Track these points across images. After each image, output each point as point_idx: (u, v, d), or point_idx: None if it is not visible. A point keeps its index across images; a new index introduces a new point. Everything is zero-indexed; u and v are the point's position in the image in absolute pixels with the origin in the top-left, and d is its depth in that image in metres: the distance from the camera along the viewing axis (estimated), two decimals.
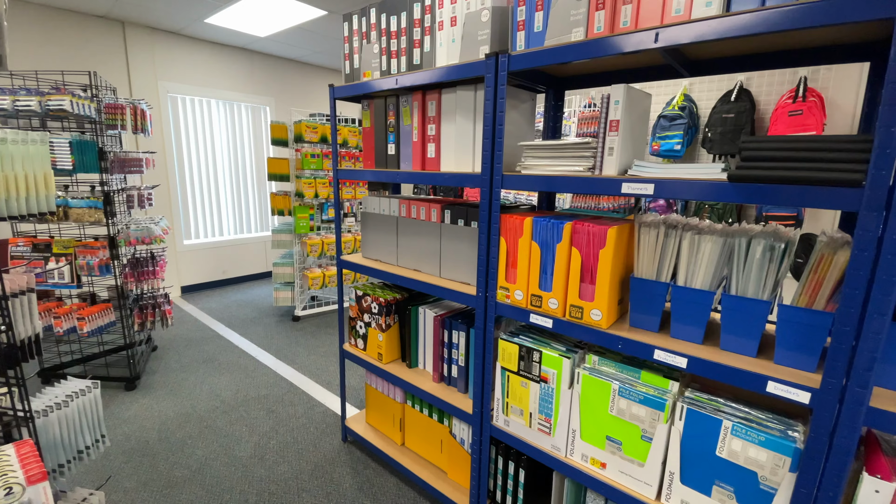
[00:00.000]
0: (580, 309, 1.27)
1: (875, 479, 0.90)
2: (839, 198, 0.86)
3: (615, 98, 1.17)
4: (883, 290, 0.83)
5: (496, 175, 1.39)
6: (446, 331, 1.75)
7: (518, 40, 1.34)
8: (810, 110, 3.33)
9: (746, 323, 1.06)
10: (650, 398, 1.18)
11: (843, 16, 0.82)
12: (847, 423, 0.90)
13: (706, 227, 1.16)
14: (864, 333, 0.86)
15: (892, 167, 0.81)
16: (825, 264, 0.96)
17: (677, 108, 3.83)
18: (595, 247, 1.21)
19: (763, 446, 1.03)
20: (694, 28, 0.99)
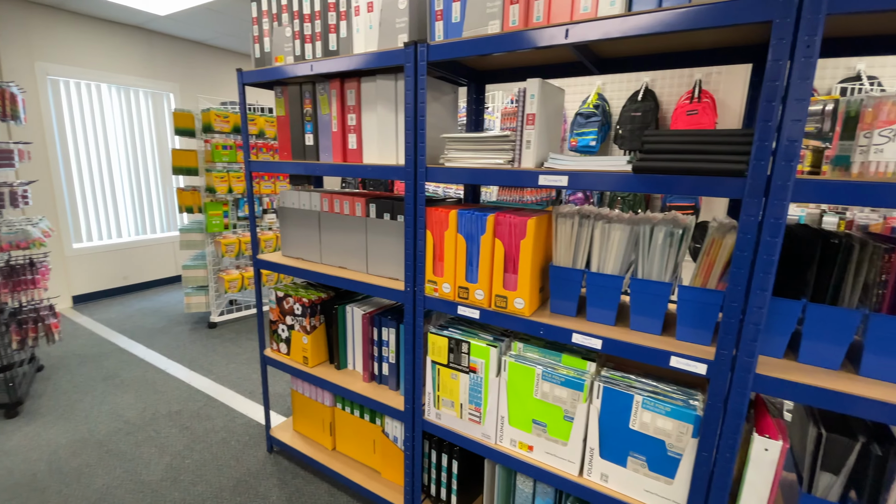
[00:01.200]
0: (505, 298, 1.29)
1: (764, 439, 1.01)
2: (726, 186, 0.95)
3: (531, 92, 1.19)
4: (764, 268, 0.93)
5: (420, 167, 1.36)
6: (376, 328, 1.71)
7: (437, 30, 1.32)
8: (704, 110, 3.71)
9: (651, 304, 1.15)
10: (571, 380, 1.24)
11: (729, 18, 0.90)
12: (738, 389, 1.00)
13: (615, 217, 1.23)
14: (749, 308, 0.96)
15: (770, 158, 0.90)
16: (716, 247, 1.06)
17: (592, 106, 4.07)
18: (516, 238, 1.24)
19: (669, 416, 1.12)
20: (600, 26, 1.03)
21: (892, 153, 0.85)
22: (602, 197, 4.22)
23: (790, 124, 0.86)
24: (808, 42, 0.83)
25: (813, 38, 0.83)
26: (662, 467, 1.15)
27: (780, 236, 0.90)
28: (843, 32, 1.11)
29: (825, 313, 0.97)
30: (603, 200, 4.24)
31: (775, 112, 0.87)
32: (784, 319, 1.01)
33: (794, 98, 0.85)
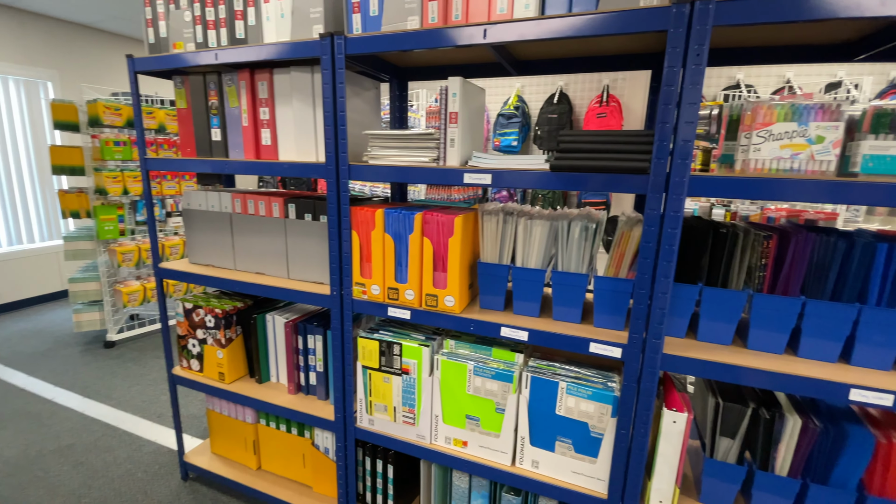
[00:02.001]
0: (435, 297, 1.28)
1: (672, 412, 1.11)
2: (632, 183, 1.02)
3: (452, 90, 1.19)
4: (666, 257, 1.02)
5: (342, 165, 1.31)
6: (300, 336, 1.61)
7: (354, 23, 1.27)
8: (612, 113, 4.02)
9: (571, 295, 1.21)
10: (501, 372, 1.27)
11: (631, 26, 0.97)
12: (649, 369, 1.09)
13: (536, 214, 1.27)
14: (656, 294, 1.05)
15: (668, 157, 0.99)
16: (625, 239, 1.14)
17: (512, 107, 4.22)
18: (444, 236, 1.23)
19: (591, 399, 1.19)
20: (516, 27, 1.06)
21: (768, 152, 0.97)
22: (525, 194, 4.41)
23: (684, 126, 0.95)
24: (697, 51, 0.92)
25: (702, 46, 0.91)
26: (587, 448, 1.22)
27: (679, 228, 0.99)
28: (727, 44, 1.24)
29: (718, 295, 1.09)
30: (526, 198, 4.43)
31: (672, 114, 0.95)
32: (684, 303, 1.12)
33: (687, 102, 0.94)
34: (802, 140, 0.93)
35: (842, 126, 0.91)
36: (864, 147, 0.90)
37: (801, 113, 0.93)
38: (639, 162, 1.00)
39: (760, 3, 0.87)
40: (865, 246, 0.97)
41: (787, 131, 0.94)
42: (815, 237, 1.01)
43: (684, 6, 0.91)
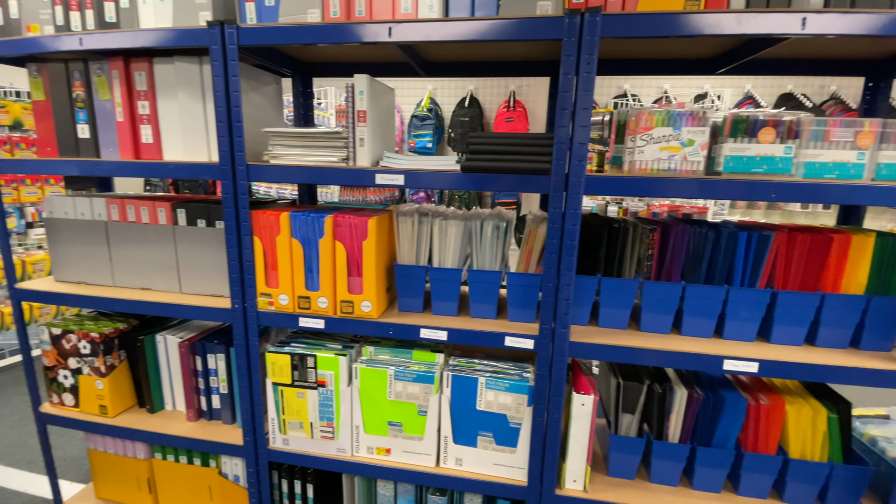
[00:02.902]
0: (351, 303, 1.23)
1: (581, 396, 1.19)
2: (536, 183, 1.07)
3: (359, 88, 1.16)
4: (569, 251, 1.09)
5: (239, 165, 1.20)
6: (198, 357, 1.46)
7: (248, 12, 1.18)
8: (519, 118, 4.23)
9: (486, 292, 1.24)
10: (421, 374, 1.26)
11: (531, 33, 1.01)
12: (559, 357, 1.15)
13: (451, 214, 1.29)
14: (561, 286, 1.11)
15: (566, 158, 1.05)
16: (532, 236, 1.20)
17: (425, 109, 4.25)
18: (358, 239, 1.19)
19: (508, 391, 1.22)
20: (421, 28, 1.05)
21: (649, 153, 1.07)
22: (442, 195, 4.46)
23: (579, 130, 1.02)
24: (588, 59, 0.99)
25: (592, 56, 0.99)
26: (507, 439, 1.25)
27: (578, 224, 1.06)
28: (616, 55, 1.36)
29: (614, 284, 1.19)
30: (443, 198, 4.49)
31: (568, 118, 1.02)
32: (586, 293, 1.20)
33: (581, 107, 1.01)
34: (677, 143, 1.05)
35: (707, 131, 1.04)
36: (726, 149, 1.03)
37: (675, 119, 1.05)
38: (541, 163, 1.05)
39: (640, 19, 0.96)
40: (730, 235, 1.13)
41: (664, 135, 1.05)
42: (690, 229, 1.15)
43: (575, 17, 0.98)
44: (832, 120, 1.01)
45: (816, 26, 0.92)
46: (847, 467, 1.16)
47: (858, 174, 1.01)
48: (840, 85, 3.97)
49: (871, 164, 1.01)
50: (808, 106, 3.82)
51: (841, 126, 1.01)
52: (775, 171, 1.02)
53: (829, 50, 1.20)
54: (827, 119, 1.01)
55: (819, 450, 1.18)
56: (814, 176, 1.02)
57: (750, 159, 1.02)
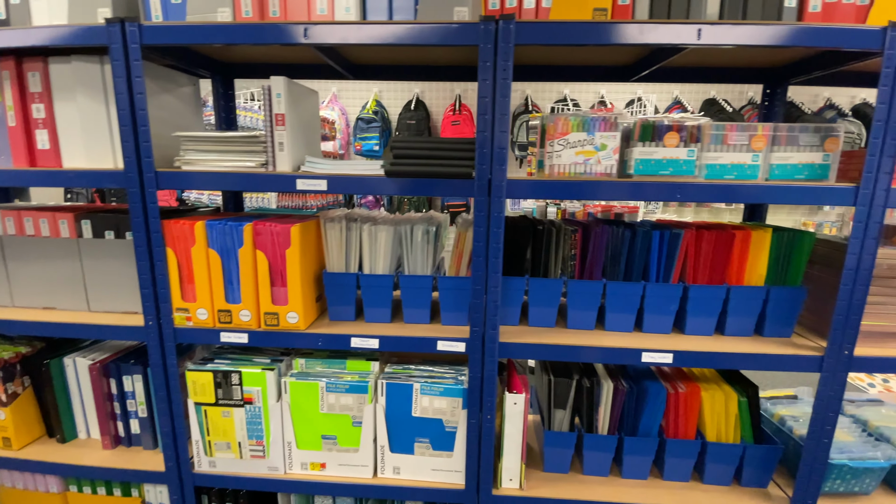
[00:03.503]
0: (276, 315, 1.18)
1: (513, 395, 1.20)
2: (460, 188, 1.08)
3: (276, 90, 1.11)
4: (494, 254, 1.10)
5: (147, 172, 1.12)
6: (113, 379, 1.35)
7: (153, 9, 1.11)
8: (465, 121, 4.27)
9: (418, 297, 1.23)
10: (354, 385, 1.23)
11: (447, 39, 1.01)
12: (489, 358, 1.16)
13: (381, 219, 1.27)
14: (489, 288, 1.12)
15: (489, 162, 1.06)
16: (462, 240, 1.20)
17: (371, 112, 4.20)
18: (280, 247, 1.15)
19: (443, 395, 1.22)
20: (338, 30, 1.03)
21: (567, 157, 1.11)
22: (391, 198, 4.42)
23: (499, 134, 1.03)
24: (504, 66, 1.01)
25: (507, 62, 1.00)
26: (443, 443, 1.25)
27: (502, 227, 1.08)
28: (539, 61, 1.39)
29: (540, 285, 1.22)
30: (393, 202, 4.45)
31: (487, 123, 1.03)
32: (515, 293, 1.23)
33: (500, 113, 1.02)
34: (591, 147, 1.09)
35: (618, 135, 1.09)
36: (635, 153, 1.09)
37: (589, 125, 1.09)
38: (463, 168, 1.05)
39: (552, 27, 0.99)
40: (644, 234, 1.19)
41: (580, 140, 1.09)
42: (608, 229, 1.20)
43: (490, 24, 0.99)
44: (730, 124, 1.09)
45: (710, 37, 0.98)
46: (758, 447, 1.25)
47: (754, 174, 1.10)
48: (757, 91, 4.32)
49: (764, 165, 1.10)
50: (728, 110, 4.12)
51: (737, 130, 1.09)
52: (680, 172, 1.08)
53: (730, 59, 1.30)
54: (725, 124, 1.09)
55: (732, 432, 1.27)
56: (715, 177, 1.10)
57: (657, 162, 1.08)
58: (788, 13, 1.03)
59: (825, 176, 1.09)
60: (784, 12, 1.03)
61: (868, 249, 1.04)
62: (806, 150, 1.08)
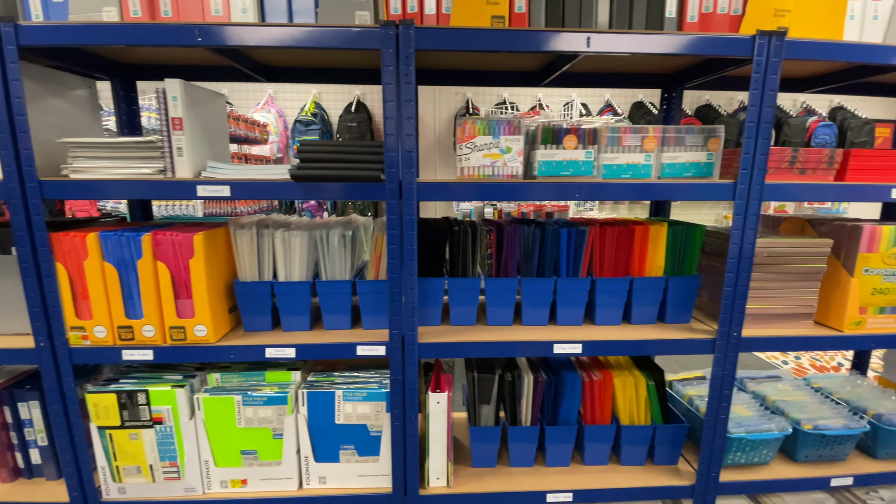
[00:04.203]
0: (182, 329, 1.13)
1: (436, 394, 1.22)
2: (371, 191, 1.08)
3: (172, 94, 1.07)
4: (409, 256, 1.11)
5: (29, 182, 1.03)
6: (7, 407, 1.23)
7: (32, 8, 1.03)
8: None
9: (337, 302, 1.22)
10: (273, 397, 1.20)
11: (348, 42, 1.01)
12: (410, 360, 1.17)
13: (295, 224, 1.25)
14: (405, 290, 1.13)
15: (399, 166, 1.07)
16: (379, 243, 1.20)
17: (310, 114, 4.11)
18: (184, 257, 1.10)
19: (366, 400, 1.22)
20: (235, 32, 1.00)
21: (475, 160, 1.14)
22: (336, 203, 4.34)
23: (405, 138, 1.05)
24: (406, 71, 1.02)
25: (409, 67, 1.02)
26: (369, 449, 1.24)
27: (415, 229, 1.09)
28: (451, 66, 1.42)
29: (459, 284, 1.24)
30: (337, 206, 4.37)
31: (393, 127, 1.04)
32: (435, 294, 1.24)
33: (405, 117, 1.04)
34: (497, 150, 1.13)
35: (522, 139, 1.13)
36: (538, 155, 1.13)
37: (494, 128, 1.13)
38: (372, 171, 1.06)
39: (452, 33, 1.02)
40: (554, 232, 1.24)
41: (486, 143, 1.12)
42: (521, 228, 1.24)
43: (391, 28, 1.00)
44: (623, 127, 1.16)
45: (599, 44, 1.05)
46: (666, 427, 1.34)
47: (648, 173, 1.18)
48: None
49: (656, 165, 1.18)
50: (654, 113, 4.39)
51: (631, 132, 1.16)
52: (580, 173, 1.14)
53: (628, 65, 1.39)
54: (619, 126, 1.16)
55: (643, 414, 1.35)
56: (612, 176, 1.17)
57: (559, 163, 1.13)
58: (669, 23, 1.12)
59: (710, 173, 1.19)
60: (665, 22, 1.11)
61: (748, 239, 1.15)
62: (692, 150, 1.18)
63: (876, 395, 1.59)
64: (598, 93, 4.56)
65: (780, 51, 1.07)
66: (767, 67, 1.07)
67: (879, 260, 1.23)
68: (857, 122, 4.35)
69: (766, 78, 1.07)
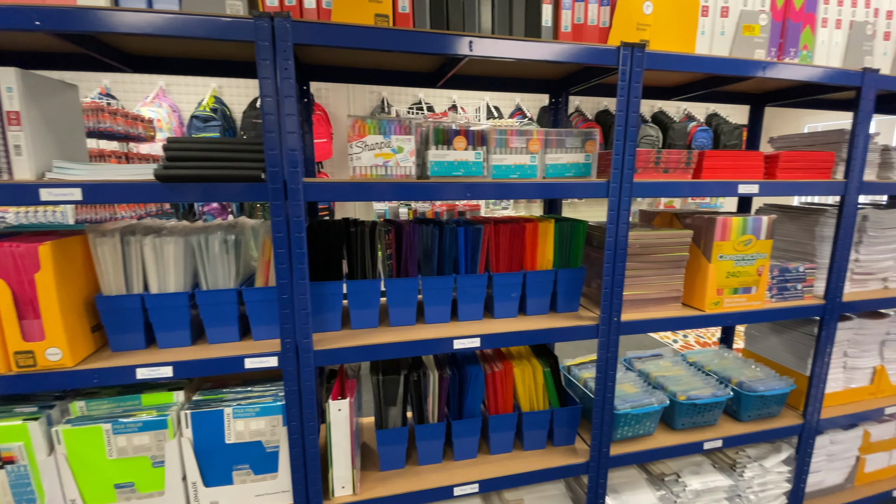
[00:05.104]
0: (30, 354, 0.98)
1: (336, 402, 1.18)
2: (252, 191, 1.02)
3: (5, 84, 0.92)
4: (299, 260, 1.06)
5: None
6: None
7: None
8: (319, 121, 4.12)
9: (222, 313, 1.14)
10: (149, 422, 1.08)
11: (216, 33, 0.94)
12: (305, 369, 1.12)
13: (167, 229, 1.14)
14: (296, 296, 1.08)
15: (282, 165, 1.02)
16: (267, 248, 1.14)
17: (209, 109, 3.80)
18: (28, 272, 0.95)
19: (259, 416, 1.15)
20: (83, 16, 0.88)
21: (367, 160, 1.12)
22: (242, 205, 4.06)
23: (287, 136, 1.00)
24: (284, 65, 0.97)
25: (287, 61, 0.97)
26: (266, 466, 1.18)
27: (303, 231, 1.05)
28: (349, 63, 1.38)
29: (358, 286, 1.22)
30: (244, 208, 4.09)
31: (274, 124, 0.99)
32: (332, 298, 1.21)
33: (286, 113, 0.99)
34: (389, 150, 1.12)
35: (413, 139, 1.14)
36: (430, 155, 1.15)
37: (385, 127, 1.12)
38: (252, 170, 1.00)
39: (332, 29, 0.99)
40: (451, 231, 1.26)
41: (377, 142, 1.11)
42: (419, 228, 1.25)
43: (265, 20, 0.95)
44: (510, 129, 1.22)
45: (481, 49, 1.08)
46: (562, 409, 1.43)
47: (534, 173, 1.24)
48: (582, 101, 4.99)
49: (541, 165, 1.25)
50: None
51: (517, 135, 1.22)
52: (471, 173, 1.18)
53: (515, 70, 1.45)
54: (506, 129, 1.21)
55: (542, 400, 1.43)
56: (502, 176, 1.22)
57: (450, 164, 1.16)
58: (546, 31, 1.19)
59: (588, 173, 1.29)
60: (543, 31, 1.18)
61: (622, 232, 1.26)
62: (572, 152, 1.26)
63: (739, 365, 1.83)
64: (510, 97, 4.75)
65: (642, 61, 1.18)
66: (631, 76, 1.18)
67: (731, 247, 1.42)
68: (728, 127, 4.99)
69: (631, 86, 1.19)
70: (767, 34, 1.35)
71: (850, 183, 1.46)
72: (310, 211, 1.57)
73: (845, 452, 1.82)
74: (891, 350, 1.79)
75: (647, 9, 1.23)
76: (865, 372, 1.78)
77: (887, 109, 2.00)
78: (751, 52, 1.34)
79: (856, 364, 1.75)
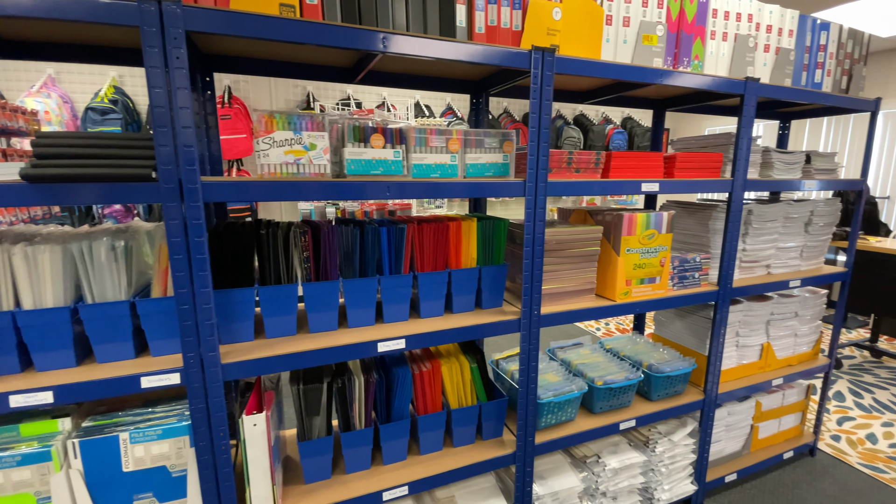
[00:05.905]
0: None
1: (251, 416, 1.10)
2: (142, 192, 0.92)
3: None
4: (200, 267, 0.98)
5: None
6: None
7: None
8: (238, 116, 3.86)
9: (110, 329, 1.02)
10: (30, 454, 0.95)
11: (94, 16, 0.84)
12: (213, 384, 1.04)
13: (44, 236, 1.00)
14: (199, 307, 1.00)
15: (177, 163, 0.93)
16: (164, 254, 1.04)
17: (107, 100, 3.42)
18: None
19: (162, 438, 1.05)
20: None
21: (275, 157, 1.06)
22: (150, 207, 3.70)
23: (182, 131, 0.91)
24: (177, 54, 0.89)
25: (180, 49, 0.89)
26: (172, 492, 1.08)
27: (204, 235, 0.97)
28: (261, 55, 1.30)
29: (271, 293, 1.15)
30: (151, 210, 3.73)
31: (166, 118, 0.90)
32: (243, 307, 1.13)
33: (179, 106, 0.91)
34: (300, 147, 1.07)
35: (327, 135, 1.09)
36: (347, 153, 1.11)
37: (295, 123, 1.06)
38: (140, 169, 0.90)
39: (229, 17, 0.92)
40: (373, 231, 1.23)
41: (287, 139, 1.06)
42: (339, 229, 1.20)
43: (151, 4, 0.86)
44: (430, 128, 1.21)
45: (395, 46, 1.06)
46: (489, 403, 1.45)
47: (454, 173, 1.25)
48: (511, 103, 5.14)
49: (462, 165, 1.26)
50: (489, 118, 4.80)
51: (436, 134, 1.22)
52: (390, 172, 1.16)
53: (434, 69, 1.45)
54: (425, 128, 1.20)
55: (470, 395, 1.45)
56: (422, 175, 1.21)
57: (368, 162, 1.13)
58: (461, 31, 1.20)
59: (507, 172, 1.32)
60: (457, 31, 1.19)
61: (538, 229, 1.30)
62: (491, 152, 1.29)
63: (649, 349, 1.99)
64: (441, 96, 4.78)
65: (552, 65, 1.23)
66: (542, 80, 1.23)
67: (637, 241, 1.53)
68: (641, 129, 5.40)
69: (543, 89, 1.23)
70: (664, 44, 1.47)
71: (737, 181, 1.63)
72: (221, 213, 1.46)
73: (741, 422, 2.04)
74: (775, 328, 2.04)
75: (556, 14, 1.28)
76: (755, 349, 2.00)
77: (768, 115, 2.27)
78: (650, 60, 1.45)
79: (746, 342, 1.97)
